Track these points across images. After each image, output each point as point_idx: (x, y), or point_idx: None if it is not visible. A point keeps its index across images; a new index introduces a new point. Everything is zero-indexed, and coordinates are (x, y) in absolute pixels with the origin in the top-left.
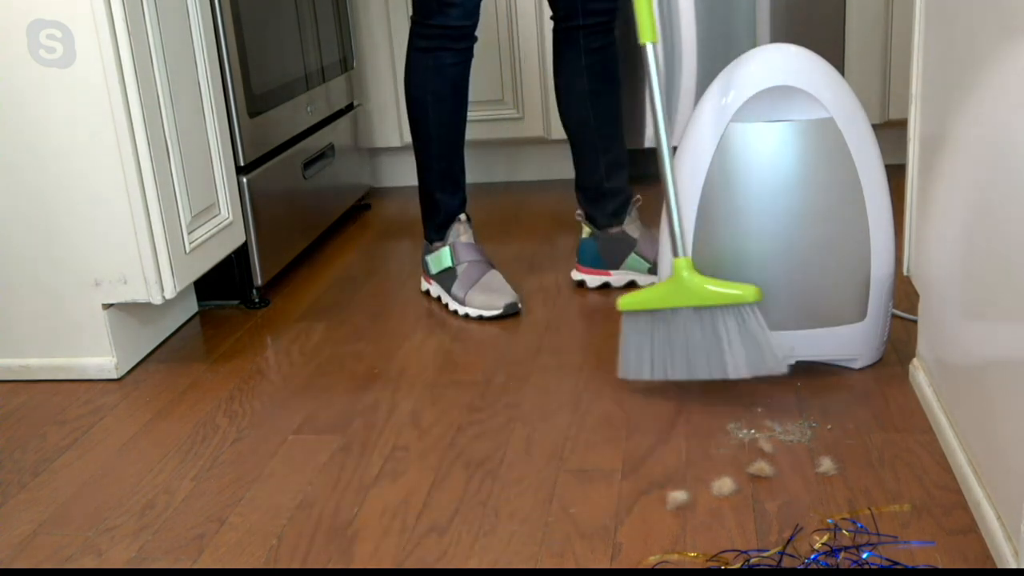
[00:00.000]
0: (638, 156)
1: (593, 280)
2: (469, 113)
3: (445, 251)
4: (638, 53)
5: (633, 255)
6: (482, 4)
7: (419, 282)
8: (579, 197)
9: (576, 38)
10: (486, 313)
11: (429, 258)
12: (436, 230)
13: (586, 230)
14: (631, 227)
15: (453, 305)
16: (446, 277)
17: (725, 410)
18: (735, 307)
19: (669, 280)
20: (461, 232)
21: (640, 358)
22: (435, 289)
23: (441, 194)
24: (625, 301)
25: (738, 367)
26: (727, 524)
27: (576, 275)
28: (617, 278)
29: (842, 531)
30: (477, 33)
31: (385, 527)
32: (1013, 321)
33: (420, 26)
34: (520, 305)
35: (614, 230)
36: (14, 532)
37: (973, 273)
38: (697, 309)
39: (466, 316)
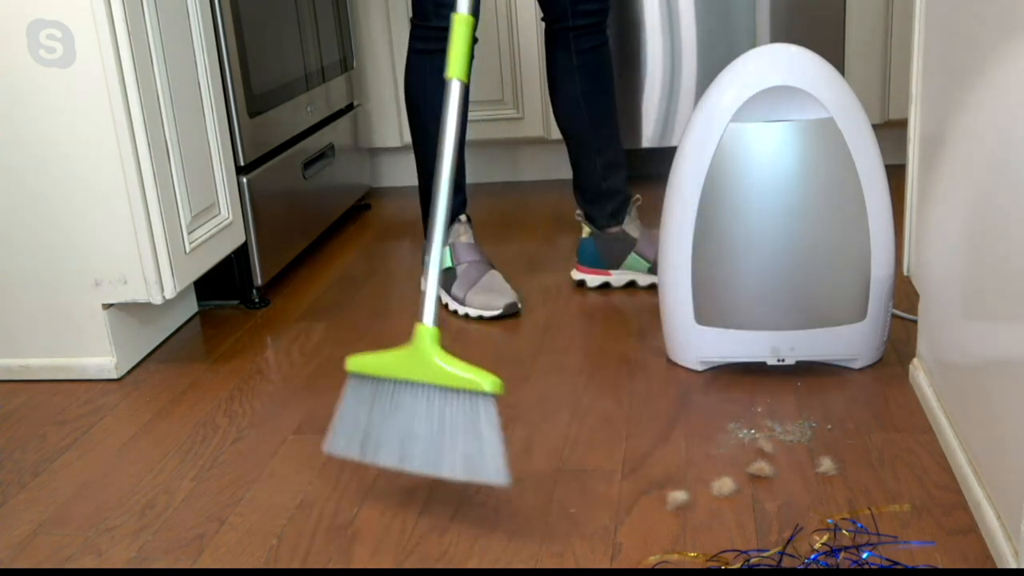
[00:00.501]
0: (636, 156)
1: (593, 280)
2: (469, 113)
3: (445, 251)
4: (630, 51)
5: (633, 255)
6: (481, 6)
7: (419, 282)
8: (578, 197)
9: (567, 39)
10: (486, 313)
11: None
12: None
13: (586, 230)
14: (631, 227)
15: (453, 305)
16: (446, 277)
17: (725, 410)
18: (469, 395)
19: (406, 347)
20: (461, 233)
21: (353, 431)
22: None
23: None
24: (354, 362)
25: (454, 467)
26: (727, 524)
27: (576, 275)
28: (617, 278)
29: (842, 531)
30: (477, 35)
31: (385, 527)
32: (1013, 321)
33: (419, 28)
34: (520, 305)
35: (614, 230)
36: (14, 532)
37: (973, 273)
38: (427, 387)
39: (466, 316)
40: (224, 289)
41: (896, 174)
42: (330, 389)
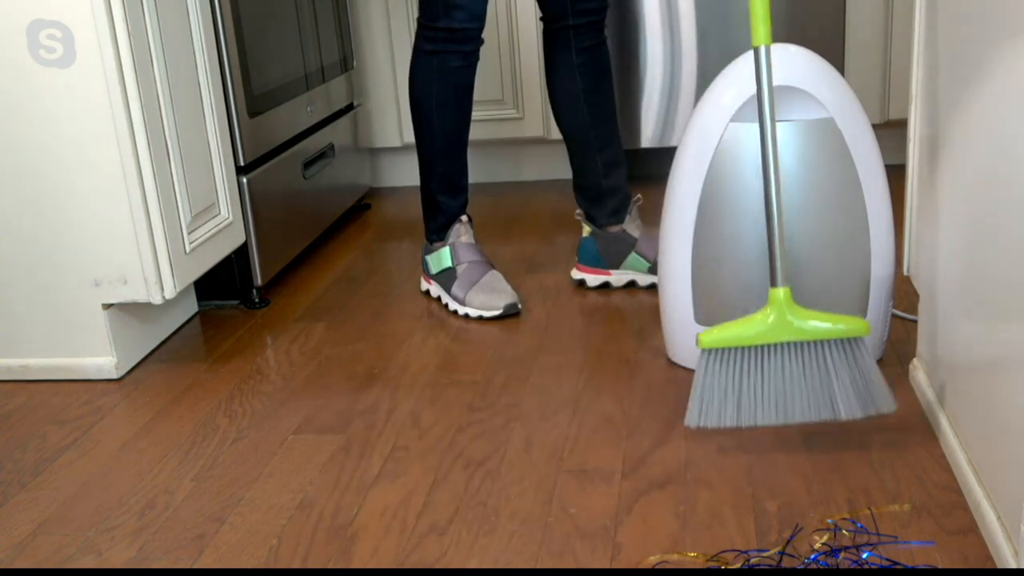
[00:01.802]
0: (636, 156)
1: (593, 279)
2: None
3: (445, 251)
4: (630, 51)
5: (633, 254)
6: (488, 6)
7: (419, 282)
8: (578, 197)
9: (567, 38)
10: (486, 313)
11: (429, 258)
12: (437, 231)
13: (586, 229)
14: (631, 226)
15: (453, 305)
16: (446, 277)
17: None
18: (841, 341)
19: (763, 313)
20: (462, 233)
21: (723, 402)
22: (435, 289)
23: (443, 196)
24: (708, 338)
25: (851, 407)
26: (727, 524)
27: (576, 274)
28: (617, 277)
29: (842, 531)
30: (484, 32)
31: (385, 527)
32: (1013, 321)
33: (426, 29)
34: (520, 305)
35: (614, 229)
36: (14, 532)
37: (973, 273)
38: (798, 344)
39: (466, 316)
40: (224, 289)
41: (896, 174)
42: (330, 389)
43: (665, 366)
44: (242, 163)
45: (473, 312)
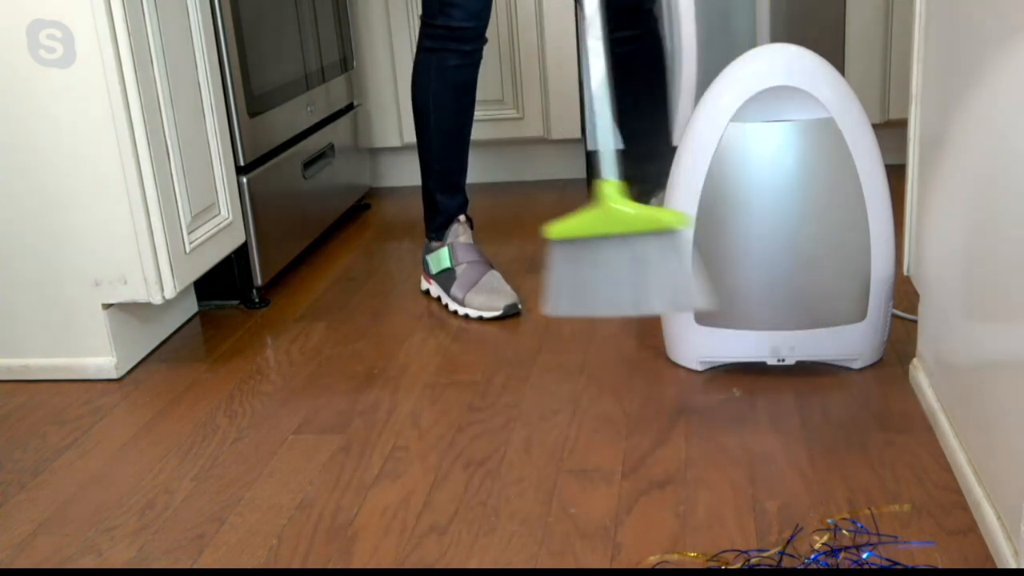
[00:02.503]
0: None
1: None
2: None
3: (444, 252)
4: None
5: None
6: (492, 5)
7: (419, 282)
8: (641, 173)
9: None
10: (486, 314)
11: (429, 258)
12: (436, 230)
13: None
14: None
15: (453, 306)
16: (445, 278)
17: (725, 410)
18: (661, 236)
19: (598, 205)
20: (460, 233)
21: (572, 293)
22: (435, 289)
23: (440, 195)
24: (556, 229)
25: (664, 301)
26: (727, 524)
27: None
28: None
29: (842, 531)
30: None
31: (385, 527)
32: (1013, 321)
33: (426, 26)
34: (520, 306)
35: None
36: (14, 532)
37: (973, 273)
38: (625, 238)
39: (466, 317)
40: (224, 289)
41: (896, 174)
42: (330, 389)
43: (665, 366)
44: (242, 163)
45: (473, 313)
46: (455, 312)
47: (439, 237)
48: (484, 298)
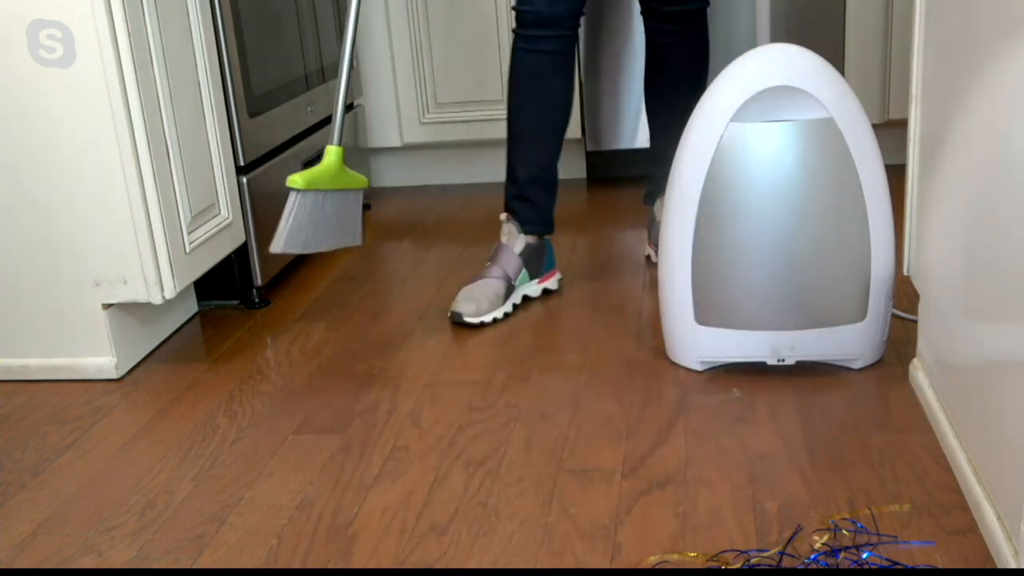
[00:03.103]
0: (637, 156)
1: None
2: (469, 113)
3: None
4: (630, 51)
5: None
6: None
7: (419, 282)
8: (651, 178)
9: (653, 26)
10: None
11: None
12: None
13: (658, 203)
14: (660, 209)
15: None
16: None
17: (725, 410)
18: (354, 192)
19: (328, 165)
20: (503, 232)
21: (297, 235)
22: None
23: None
24: (297, 179)
25: (352, 239)
26: (727, 524)
27: (646, 250)
28: None
29: (842, 531)
30: (483, 33)
31: (385, 527)
32: (1013, 321)
33: (516, 36)
34: (467, 319)
35: None
36: (14, 532)
37: (973, 273)
38: (336, 192)
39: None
40: (224, 289)
41: (896, 174)
42: (330, 389)
43: (665, 366)
44: (242, 163)
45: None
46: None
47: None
48: (459, 299)
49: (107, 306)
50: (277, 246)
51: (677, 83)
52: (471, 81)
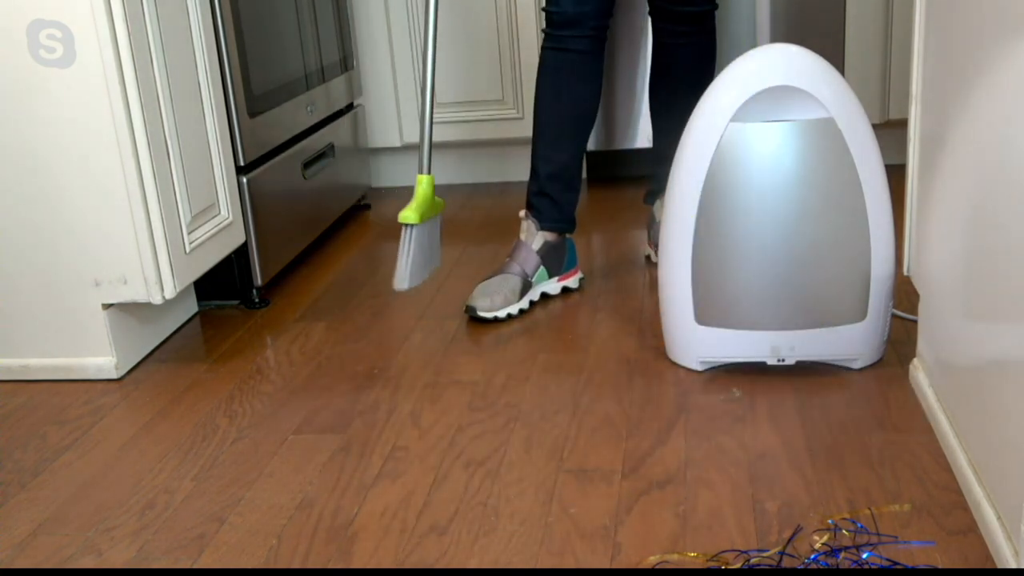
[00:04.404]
0: (636, 156)
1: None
2: (469, 113)
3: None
4: (630, 51)
5: None
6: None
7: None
8: (654, 179)
9: (664, 28)
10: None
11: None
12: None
13: (658, 203)
14: (660, 210)
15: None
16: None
17: (725, 410)
18: (439, 215)
19: (427, 194)
20: (522, 228)
21: (416, 269)
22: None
23: (534, 175)
24: (411, 215)
25: (439, 261)
26: (727, 524)
27: (646, 250)
28: None
29: (842, 531)
30: (483, 33)
31: (385, 527)
32: (1013, 321)
33: (545, 36)
34: (481, 313)
35: None
36: (14, 532)
37: (973, 273)
38: (433, 219)
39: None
40: (224, 289)
41: (896, 174)
42: (330, 389)
43: (665, 366)
44: (242, 163)
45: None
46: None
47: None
48: (476, 293)
49: (107, 306)
50: (403, 284)
51: (681, 84)
52: (471, 81)
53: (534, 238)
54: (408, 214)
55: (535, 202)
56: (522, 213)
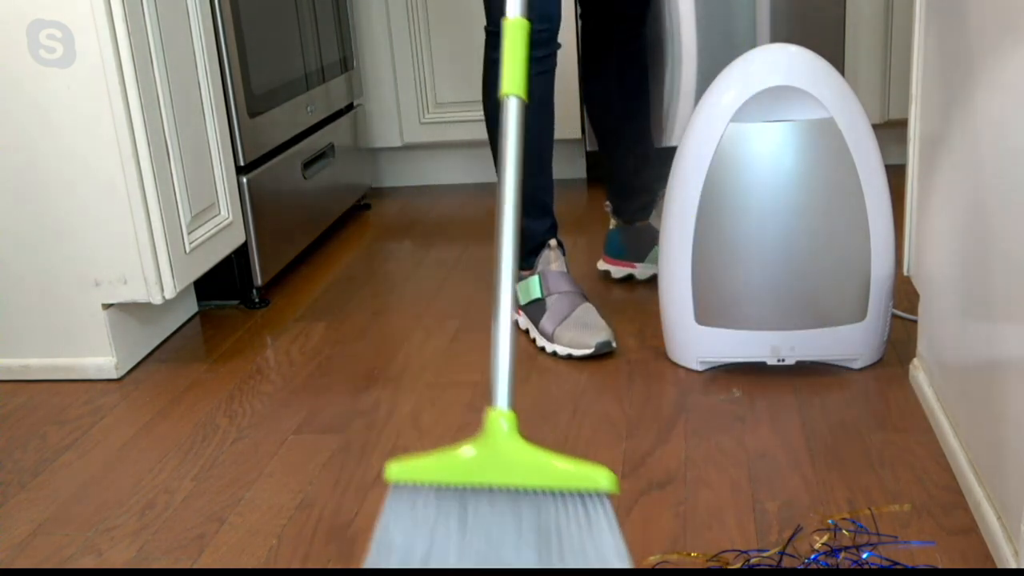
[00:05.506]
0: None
1: (617, 271)
2: (469, 113)
3: (534, 280)
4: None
5: (657, 248)
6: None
7: (419, 282)
8: (608, 190)
9: (607, 36)
10: (575, 352)
11: (519, 286)
12: (524, 256)
13: (612, 222)
14: (657, 220)
15: (541, 341)
16: (535, 309)
17: (725, 410)
18: (577, 496)
19: (478, 441)
20: (551, 260)
21: (404, 564)
22: (523, 321)
23: (527, 219)
24: (398, 469)
25: None
26: (727, 524)
27: (602, 265)
28: (641, 270)
29: (842, 531)
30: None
31: None
32: (1013, 321)
33: (489, 35)
34: (615, 344)
35: (640, 223)
36: (14, 532)
37: (973, 273)
38: (515, 492)
39: (553, 354)
40: (224, 289)
41: (896, 174)
42: (330, 389)
43: (665, 366)
44: (242, 163)
45: (562, 351)
46: (542, 349)
47: (529, 264)
48: (573, 334)
49: (107, 306)
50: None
51: (632, 99)
52: (471, 81)
53: (562, 263)
54: (393, 468)
55: (555, 234)
56: (552, 243)
